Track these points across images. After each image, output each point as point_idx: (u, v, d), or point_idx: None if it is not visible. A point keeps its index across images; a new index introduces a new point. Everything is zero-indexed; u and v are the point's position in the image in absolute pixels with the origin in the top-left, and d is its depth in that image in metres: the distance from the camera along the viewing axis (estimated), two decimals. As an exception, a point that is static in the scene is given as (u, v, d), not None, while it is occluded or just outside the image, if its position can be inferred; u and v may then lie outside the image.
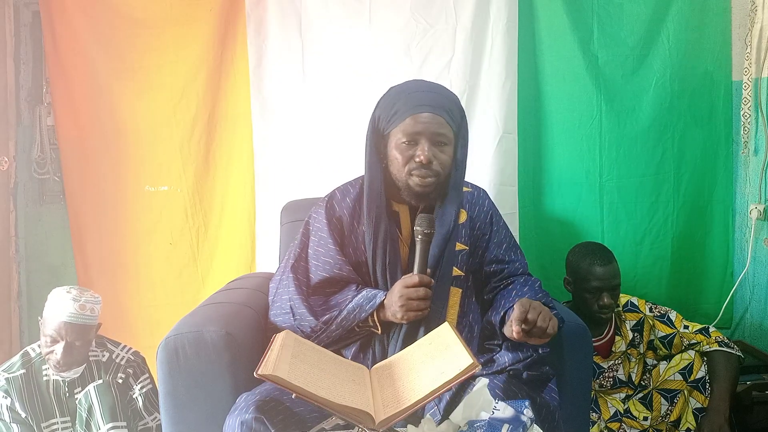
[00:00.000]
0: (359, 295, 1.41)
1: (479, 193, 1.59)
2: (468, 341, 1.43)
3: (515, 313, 1.26)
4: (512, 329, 1.25)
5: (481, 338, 1.48)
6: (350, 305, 1.40)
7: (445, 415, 1.26)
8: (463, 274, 1.49)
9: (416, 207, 1.46)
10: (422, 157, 1.37)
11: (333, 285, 1.48)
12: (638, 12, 2.25)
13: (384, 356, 1.41)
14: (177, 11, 2.27)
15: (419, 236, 1.37)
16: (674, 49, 2.25)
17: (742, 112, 2.23)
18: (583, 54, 2.24)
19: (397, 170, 1.41)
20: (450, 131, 1.41)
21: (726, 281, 2.35)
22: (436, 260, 1.43)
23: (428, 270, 1.38)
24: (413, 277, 1.35)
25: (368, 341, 1.44)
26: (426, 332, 1.39)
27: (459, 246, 1.48)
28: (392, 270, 1.44)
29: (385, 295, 1.39)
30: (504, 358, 1.37)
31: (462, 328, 1.47)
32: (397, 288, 1.37)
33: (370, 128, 1.46)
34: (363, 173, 1.56)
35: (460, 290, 1.49)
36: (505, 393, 1.26)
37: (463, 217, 1.51)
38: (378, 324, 1.40)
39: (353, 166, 2.01)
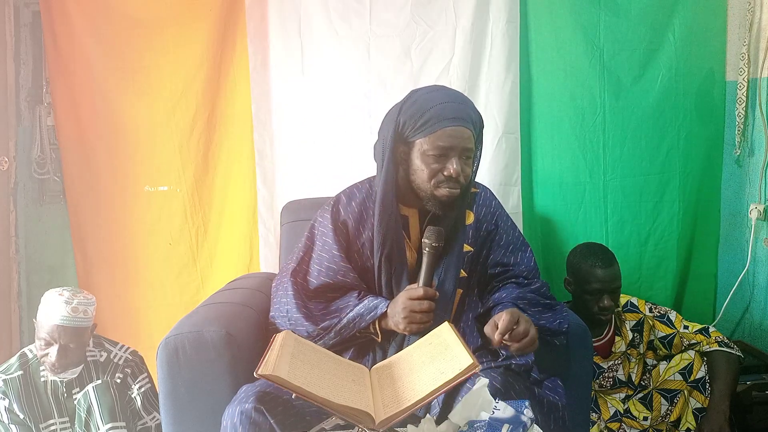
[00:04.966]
0: (360, 304, 1.40)
1: (486, 193, 1.58)
2: (467, 339, 1.43)
3: (504, 323, 1.24)
4: (494, 334, 1.25)
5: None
6: (351, 314, 1.39)
7: (442, 412, 1.26)
8: (466, 275, 1.48)
9: (427, 212, 1.44)
10: (452, 172, 1.36)
11: (335, 290, 1.47)
12: (645, 6, 2.21)
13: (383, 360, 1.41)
14: (177, 11, 2.27)
15: (427, 248, 1.36)
16: (680, 46, 2.21)
17: (737, 112, 2.21)
18: (587, 49, 2.21)
19: (422, 180, 1.40)
20: (474, 143, 1.41)
21: (726, 282, 2.34)
22: (444, 265, 1.42)
23: (434, 282, 1.36)
24: (418, 290, 1.34)
25: (368, 345, 1.44)
26: None
27: (465, 247, 1.47)
28: (398, 277, 1.43)
29: (387, 305, 1.38)
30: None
31: (460, 326, 1.46)
32: (401, 299, 1.35)
33: (392, 133, 1.40)
34: (364, 175, 1.55)
35: (461, 290, 1.48)
36: (505, 392, 1.26)
37: (471, 218, 1.51)
38: (379, 332, 1.40)
39: (353, 165, 2.03)
